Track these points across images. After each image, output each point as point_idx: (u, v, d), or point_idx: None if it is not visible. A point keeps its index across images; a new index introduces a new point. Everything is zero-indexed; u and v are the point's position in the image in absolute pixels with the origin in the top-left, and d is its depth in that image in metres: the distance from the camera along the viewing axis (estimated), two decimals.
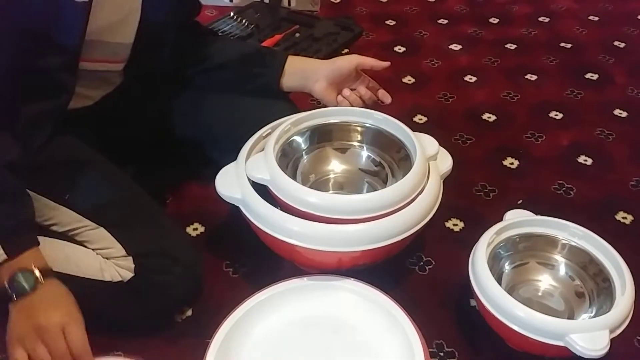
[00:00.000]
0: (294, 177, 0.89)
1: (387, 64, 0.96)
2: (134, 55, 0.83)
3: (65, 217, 0.76)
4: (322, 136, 0.94)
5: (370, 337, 0.75)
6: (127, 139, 0.91)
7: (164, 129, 0.95)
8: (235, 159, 0.84)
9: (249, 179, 0.81)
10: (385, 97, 0.96)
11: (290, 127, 0.89)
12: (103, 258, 0.75)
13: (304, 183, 0.92)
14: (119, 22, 0.78)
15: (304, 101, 1.06)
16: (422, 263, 0.90)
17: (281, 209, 0.80)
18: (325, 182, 0.94)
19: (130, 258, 0.74)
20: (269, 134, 0.89)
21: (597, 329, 0.67)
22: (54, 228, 0.77)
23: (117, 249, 0.74)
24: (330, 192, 0.93)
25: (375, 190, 0.79)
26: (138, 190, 0.81)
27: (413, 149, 0.85)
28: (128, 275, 0.74)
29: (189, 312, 0.82)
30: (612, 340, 0.68)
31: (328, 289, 0.80)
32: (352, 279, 0.79)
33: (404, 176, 0.80)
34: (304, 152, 0.93)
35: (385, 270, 0.83)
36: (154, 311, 0.78)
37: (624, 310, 0.69)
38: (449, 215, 0.98)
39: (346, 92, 0.94)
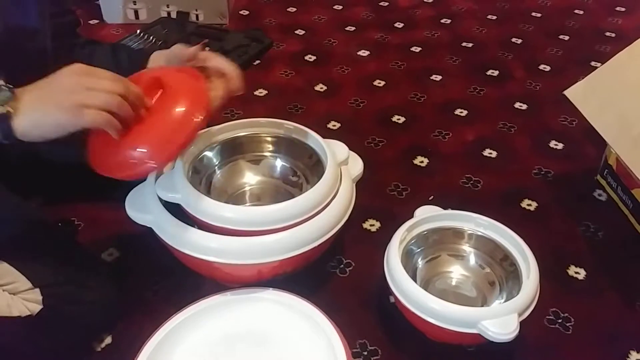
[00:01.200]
0: (208, 193, 0.89)
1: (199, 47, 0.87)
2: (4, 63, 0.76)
3: None
4: (233, 149, 0.94)
5: (294, 345, 0.76)
6: (30, 168, 0.88)
7: (68, 153, 0.92)
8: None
9: (160, 199, 0.80)
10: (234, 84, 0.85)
11: (199, 142, 0.88)
12: (9, 294, 0.72)
13: (219, 198, 0.91)
14: None
15: (215, 116, 1.06)
16: (342, 265, 0.92)
17: (198, 227, 0.79)
18: (242, 195, 0.94)
19: (37, 290, 0.71)
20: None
21: (506, 314, 0.70)
22: None
23: (22, 282, 0.71)
24: (248, 204, 0.94)
25: (293, 198, 0.80)
26: (42, 220, 0.78)
27: (324, 155, 0.87)
28: (36, 308, 0.71)
29: (109, 340, 0.80)
30: (523, 323, 0.71)
31: (250, 302, 0.80)
32: (273, 289, 0.80)
33: (317, 182, 0.82)
34: (216, 167, 0.92)
35: (307, 276, 0.84)
36: (70, 342, 0.75)
37: (530, 293, 0.73)
38: (365, 217, 1.00)
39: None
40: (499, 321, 0.70)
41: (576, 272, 0.91)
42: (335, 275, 0.91)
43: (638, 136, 0.86)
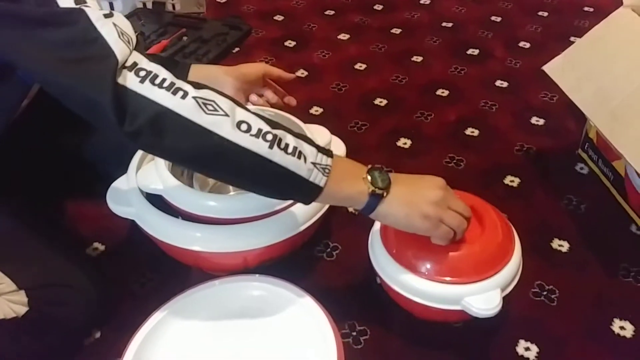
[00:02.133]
0: (190, 184, 0.89)
1: (293, 75, 0.99)
2: None
3: None
4: None
5: (283, 328, 0.76)
6: (11, 166, 0.87)
7: (54, 152, 0.92)
8: None
9: (141, 191, 0.79)
10: (291, 101, 0.98)
11: None
12: None
13: (203, 188, 0.92)
14: None
15: None
16: (329, 249, 0.92)
17: (182, 218, 0.79)
18: (225, 184, 0.94)
19: (23, 292, 0.71)
20: None
21: (489, 289, 0.71)
22: None
23: (7, 284, 0.71)
24: (232, 193, 0.94)
25: None
26: (24, 220, 0.77)
27: None
28: (22, 310, 0.71)
29: (98, 335, 0.80)
30: (509, 297, 0.73)
31: (237, 289, 0.80)
32: (260, 275, 0.80)
33: None
34: None
35: (294, 261, 0.84)
36: (57, 342, 0.75)
37: (512, 268, 0.74)
38: None
39: (253, 97, 0.94)
40: (482, 297, 0.70)
41: (560, 245, 0.92)
42: (322, 260, 0.91)
43: (616, 109, 0.86)
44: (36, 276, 0.73)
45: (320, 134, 0.90)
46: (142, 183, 0.79)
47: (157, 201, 0.80)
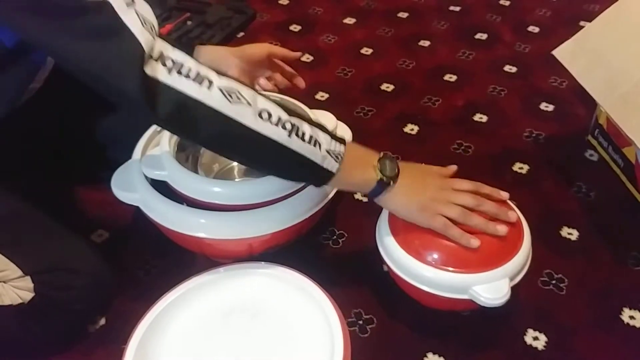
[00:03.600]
0: (195, 169, 0.88)
1: (298, 54, 0.97)
2: None
3: None
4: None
5: (288, 316, 0.76)
6: (16, 150, 0.87)
7: (61, 136, 0.91)
8: None
9: (146, 177, 0.79)
10: (300, 82, 0.97)
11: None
12: (0, 283, 0.71)
13: (207, 174, 0.91)
14: None
15: None
16: (335, 237, 0.92)
17: (187, 205, 0.78)
18: (230, 171, 0.94)
19: (28, 277, 0.71)
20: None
21: (498, 279, 0.70)
22: None
23: (13, 270, 0.70)
24: (237, 179, 0.93)
25: None
26: (28, 204, 0.77)
27: None
28: (28, 296, 0.71)
29: (102, 321, 0.80)
30: (518, 285, 0.72)
31: (242, 277, 0.79)
32: (265, 262, 0.79)
33: None
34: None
35: (300, 249, 0.84)
36: (63, 328, 0.75)
37: (521, 258, 0.73)
38: None
39: (262, 81, 0.93)
40: (490, 286, 0.69)
41: (569, 233, 0.91)
42: (328, 247, 0.90)
43: (626, 93, 0.85)
44: (41, 261, 0.72)
45: (326, 119, 0.88)
46: (146, 169, 0.78)
47: (162, 187, 0.79)
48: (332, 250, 0.90)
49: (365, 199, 0.98)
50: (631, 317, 0.79)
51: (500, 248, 0.72)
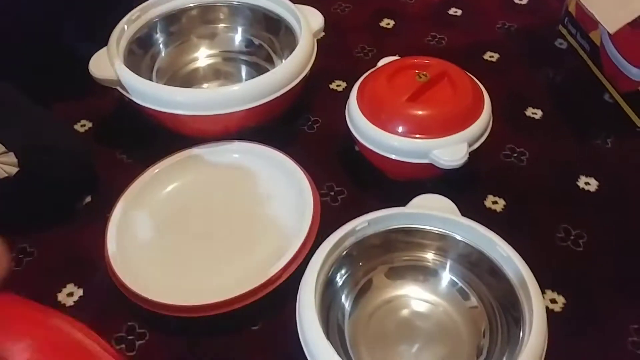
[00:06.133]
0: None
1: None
2: None
3: None
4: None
5: (265, 186, 0.81)
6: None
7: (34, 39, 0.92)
8: None
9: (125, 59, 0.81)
10: None
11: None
12: None
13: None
14: None
15: None
16: (310, 123, 0.95)
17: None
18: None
19: (12, 154, 0.74)
20: (139, 17, 0.88)
21: (456, 143, 0.74)
22: None
23: None
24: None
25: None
26: (10, 90, 0.79)
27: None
28: (13, 170, 0.74)
29: (88, 199, 0.84)
30: (480, 158, 0.76)
31: (221, 153, 0.84)
32: (244, 141, 0.84)
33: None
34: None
35: (277, 133, 0.87)
36: (50, 203, 0.79)
37: (480, 126, 0.77)
38: (332, 78, 1.02)
39: None
40: (449, 149, 0.74)
41: (533, 113, 0.95)
42: (303, 132, 0.94)
43: None
44: (26, 139, 0.75)
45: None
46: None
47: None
48: (307, 134, 0.94)
49: (340, 89, 1.01)
50: (586, 183, 0.84)
51: (460, 117, 0.76)
